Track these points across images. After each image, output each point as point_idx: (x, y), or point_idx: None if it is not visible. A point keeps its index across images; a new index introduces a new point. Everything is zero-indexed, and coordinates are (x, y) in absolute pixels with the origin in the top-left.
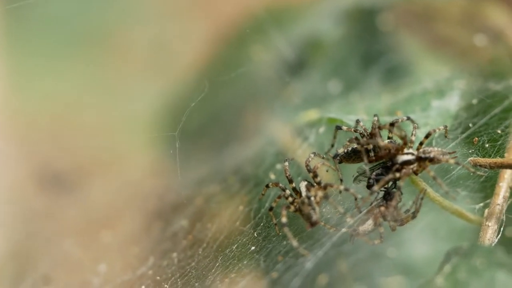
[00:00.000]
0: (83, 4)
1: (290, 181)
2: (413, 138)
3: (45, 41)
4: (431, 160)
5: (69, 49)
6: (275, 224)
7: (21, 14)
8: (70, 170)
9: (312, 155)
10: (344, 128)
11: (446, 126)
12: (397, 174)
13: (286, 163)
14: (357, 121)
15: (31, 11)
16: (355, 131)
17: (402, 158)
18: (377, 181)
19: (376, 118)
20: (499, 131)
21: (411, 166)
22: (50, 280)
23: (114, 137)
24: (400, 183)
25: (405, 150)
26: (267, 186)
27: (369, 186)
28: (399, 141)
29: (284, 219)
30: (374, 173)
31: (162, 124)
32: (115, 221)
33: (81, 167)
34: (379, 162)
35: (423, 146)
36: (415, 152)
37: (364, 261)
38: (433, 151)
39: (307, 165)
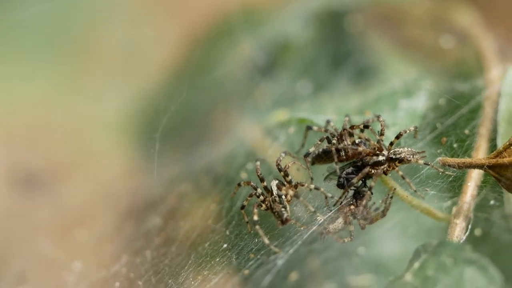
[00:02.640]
0: (56, 6)
1: (262, 180)
2: (382, 138)
3: (18, 43)
4: (401, 160)
5: (42, 51)
6: (247, 222)
7: None
8: (43, 169)
9: (283, 154)
10: (315, 128)
11: (416, 127)
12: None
13: (257, 163)
14: (328, 122)
15: (3, 14)
16: (326, 131)
17: (373, 159)
18: (347, 180)
19: (347, 119)
20: (466, 131)
21: (382, 167)
22: (25, 279)
23: (87, 137)
24: (371, 183)
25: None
26: (239, 184)
27: (339, 185)
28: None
29: (255, 217)
30: (344, 172)
31: (134, 124)
32: (89, 219)
33: (55, 167)
34: (350, 161)
35: (393, 146)
36: (386, 153)
37: (335, 259)
38: (403, 151)
39: (277, 164)
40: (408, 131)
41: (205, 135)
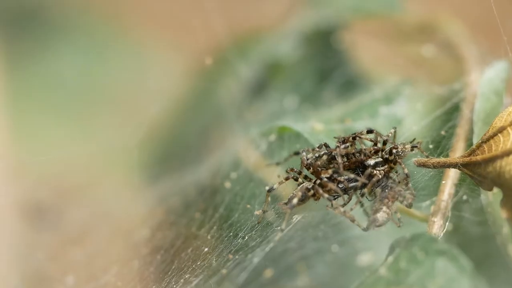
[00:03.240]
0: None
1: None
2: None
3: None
4: (397, 157)
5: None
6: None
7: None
8: (50, 199)
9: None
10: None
11: (395, 128)
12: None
13: (304, 153)
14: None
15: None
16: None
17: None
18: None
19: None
20: (442, 133)
21: (383, 167)
22: None
23: (94, 167)
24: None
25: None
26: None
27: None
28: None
29: (295, 200)
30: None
31: (138, 153)
32: (85, 238)
33: (60, 195)
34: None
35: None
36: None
37: (310, 256)
38: (399, 146)
39: (306, 165)
40: (390, 134)
41: (201, 155)
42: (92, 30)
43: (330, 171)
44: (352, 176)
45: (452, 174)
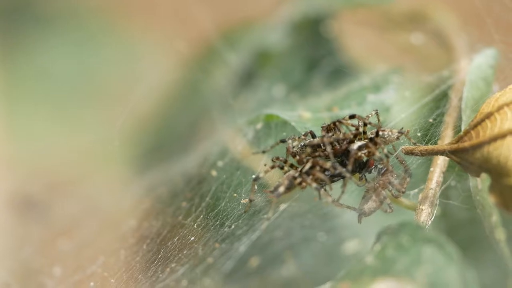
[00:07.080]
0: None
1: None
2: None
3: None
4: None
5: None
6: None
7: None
8: (40, 191)
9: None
10: (289, 142)
11: (376, 110)
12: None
13: (290, 141)
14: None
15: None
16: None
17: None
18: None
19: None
20: (430, 120)
21: (368, 149)
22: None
23: (84, 160)
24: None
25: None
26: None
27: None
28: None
29: (282, 189)
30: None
31: (128, 145)
32: (73, 230)
33: (50, 188)
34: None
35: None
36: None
37: (296, 245)
38: (386, 130)
39: (291, 153)
40: (370, 115)
41: (190, 145)
42: (83, 23)
43: (319, 160)
44: (338, 166)
45: (440, 162)
